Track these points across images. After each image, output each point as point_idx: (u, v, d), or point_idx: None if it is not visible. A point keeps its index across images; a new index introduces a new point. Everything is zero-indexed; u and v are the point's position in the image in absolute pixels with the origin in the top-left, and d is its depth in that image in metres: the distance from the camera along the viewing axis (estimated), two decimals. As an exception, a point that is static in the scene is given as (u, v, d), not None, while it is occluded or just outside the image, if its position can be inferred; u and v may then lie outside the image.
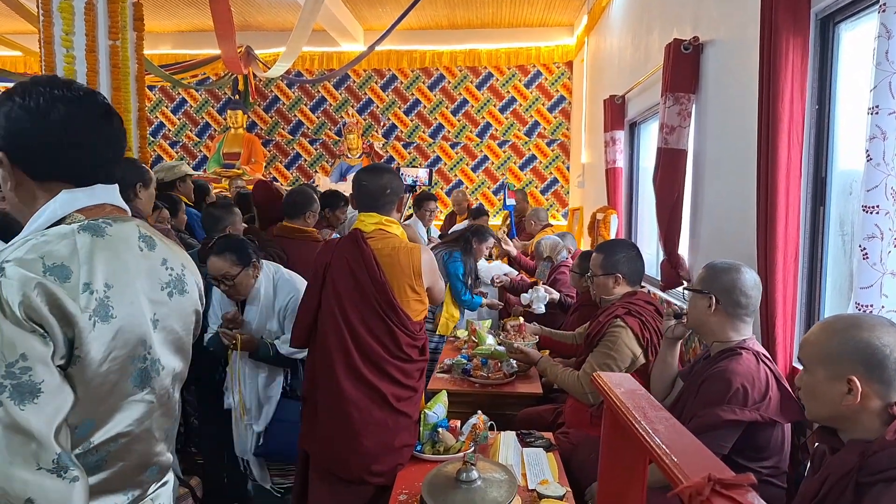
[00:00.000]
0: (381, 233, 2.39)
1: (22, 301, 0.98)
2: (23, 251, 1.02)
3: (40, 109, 1.09)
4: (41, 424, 0.97)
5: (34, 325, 0.99)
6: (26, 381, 0.97)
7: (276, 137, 9.50)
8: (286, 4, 7.70)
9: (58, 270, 1.02)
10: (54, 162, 1.12)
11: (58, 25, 3.01)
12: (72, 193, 1.13)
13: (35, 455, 0.96)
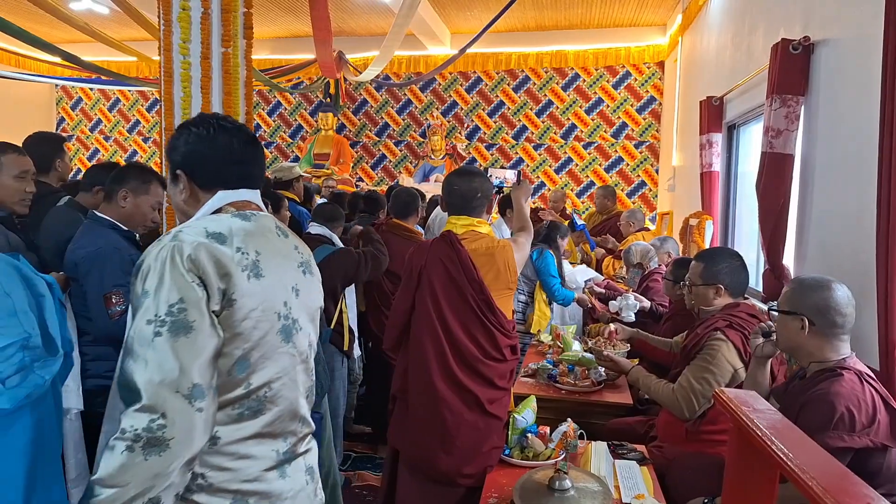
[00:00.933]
0: (473, 234, 2.43)
1: (189, 256, 1.24)
2: (191, 226, 1.32)
3: (210, 137, 1.43)
4: (187, 356, 1.19)
5: (194, 276, 1.24)
6: (182, 319, 1.20)
7: (364, 139, 9.75)
8: (378, 10, 7.89)
9: (216, 236, 1.30)
10: (217, 175, 1.44)
11: (176, 34, 3.20)
12: (226, 192, 1.44)
13: (177, 381, 1.17)
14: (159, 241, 1.29)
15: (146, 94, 10.25)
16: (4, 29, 4.85)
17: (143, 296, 1.22)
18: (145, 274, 1.24)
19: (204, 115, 1.50)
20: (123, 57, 8.61)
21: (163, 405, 1.15)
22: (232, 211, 1.43)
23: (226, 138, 1.44)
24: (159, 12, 3.25)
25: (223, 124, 1.46)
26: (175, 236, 1.28)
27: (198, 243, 1.26)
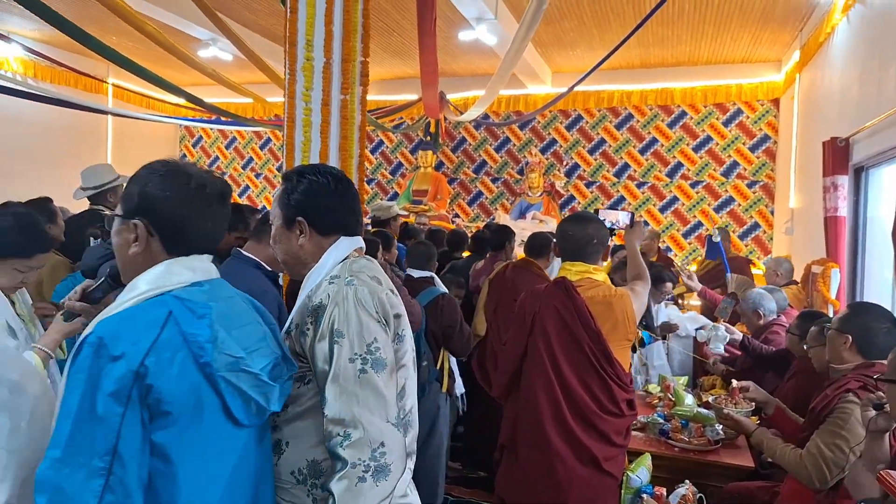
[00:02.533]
0: (589, 281, 2.37)
1: (372, 300, 1.40)
2: (351, 271, 1.46)
3: (332, 187, 1.53)
4: (388, 389, 1.35)
5: (381, 317, 1.40)
6: (379, 357, 1.35)
7: (461, 176, 9.87)
8: (481, 52, 8.03)
9: (377, 280, 1.47)
10: (339, 222, 1.55)
11: (300, 83, 3.39)
12: (350, 240, 1.55)
13: (386, 410, 1.33)
14: (331, 284, 1.42)
15: (260, 133, 10.89)
16: (140, 74, 5.33)
17: (337, 335, 1.35)
18: (331, 315, 1.36)
19: (317, 166, 1.61)
20: (241, 99, 9.24)
21: (381, 435, 1.29)
22: (355, 256, 1.55)
23: (344, 187, 1.56)
24: (285, 62, 3.45)
25: (338, 174, 1.57)
26: (349, 281, 1.42)
27: (374, 287, 1.43)
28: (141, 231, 1.23)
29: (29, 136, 8.68)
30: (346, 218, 1.55)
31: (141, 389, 1.08)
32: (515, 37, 4.63)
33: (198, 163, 11.12)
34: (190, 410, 1.13)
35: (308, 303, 1.41)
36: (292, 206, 1.51)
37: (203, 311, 1.18)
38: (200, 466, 1.14)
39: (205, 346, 1.15)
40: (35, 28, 8.05)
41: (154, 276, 1.20)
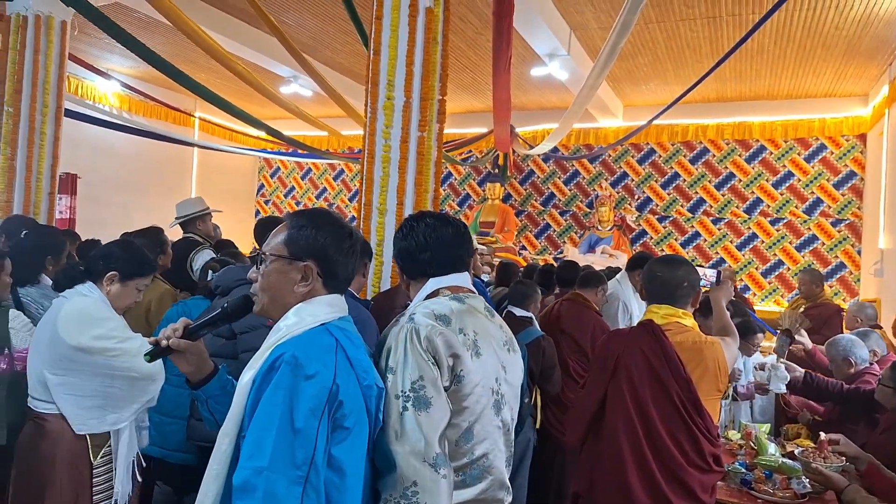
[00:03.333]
0: (677, 325, 2.25)
1: (425, 337, 1.40)
2: (420, 309, 1.48)
3: (435, 231, 1.60)
4: (429, 429, 1.35)
5: (430, 356, 1.39)
6: (423, 396, 1.36)
7: (529, 208, 9.86)
8: (552, 87, 8.07)
9: (443, 319, 1.46)
10: (429, 265, 1.59)
11: (380, 121, 3.50)
12: (438, 279, 1.59)
13: (424, 451, 1.32)
14: (397, 322, 1.48)
15: (333, 164, 11.25)
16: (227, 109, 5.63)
17: (389, 371, 1.39)
18: (388, 351, 1.41)
19: (423, 212, 1.70)
20: (317, 132, 9.61)
21: (414, 474, 1.30)
22: (447, 294, 1.56)
23: (446, 232, 1.62)
24: (366, 101, 3.58)
25: (442, 219, 1.63)
26: (411, 318, 1.45)
27: (431, 326, 1.42)
28: (309, 272, 1.37)
29: (122, 166, 9.27)
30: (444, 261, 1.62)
31: (332, 406, 1.22)
32: (590, 74, 4.64)
33: (275, 192, 11.58)
34: (359, 427, 1.27)
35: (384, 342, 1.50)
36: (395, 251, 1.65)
37: (359, 342, 1.36)
38: (358, 481, 1.27)
39: (368, 371, 1.32)
40: (131, 66, 8.66)
41: (314, 310, 1.35)
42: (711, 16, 5.78)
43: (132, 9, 5.90)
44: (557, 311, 3.99)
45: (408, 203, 3.48)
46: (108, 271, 2.22)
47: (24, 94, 4.68)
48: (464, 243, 1.64)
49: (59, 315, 2.10)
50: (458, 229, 1.64)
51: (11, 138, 4.67)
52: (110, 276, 2.23)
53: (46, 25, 4.79)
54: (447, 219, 1.65)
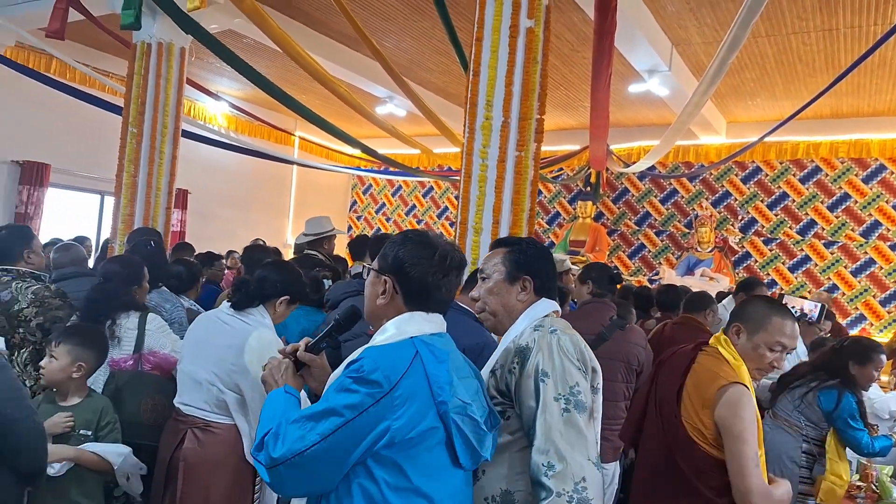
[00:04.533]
0: (715, 352, 2.04)
1: (574, 349, 1.54)
2: (555, 324, 1.60)
3: (545, 250, 1.78)
4: (589, 431, 1.46)
5: (581, 365, 1.53)
6: (580, 400, 1.48)
7: (622, 227, 9.58)
8: (649, 103, 7.85)
9: (570, 332, 1.60)
10: (549, 286, 1.73)
11: (478, 141, 3.50)
12: (549, 302, 1.71)
13: (587, 450, 1.44)
14: (535, 331, 1.57)
15: (423, 182, 11.42)
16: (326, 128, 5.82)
17: (543, 375, 1.49)
18: (537, 357, 1.51)
19: (533, 240, 1.84)
20: (409, 150, 9.79)
21: (581, 471, 1.40)
22: (553, 316, 1.67)
23: (550, 254, 1.80)
24: (465, 121, 3.59)
25: (542, 244, 1.81)
26: (553, 329, 1.57)
27: (576, 337, 1.58)
28: (388, 286, 1.47)
29: (228, 183, 9.81)
30: (554, 284, 1.76)
31: (388, 406, 1.29)
32: (696, 91, 4.45)
33: (366, 209, 11.88)
34: (421, 436, 1.32)
35: (513, 346, 1.58)
36: (521, 265, 1.70)
37: (443, 357, 1.39)
38: (432, 484, 1.33)
39: (443, 387, 1.35)
40: (239, 88, 9.18)
41: (402, 323, 1.44)
42: (827, 28, 5.44)
43: (242, 35, 6.25)
44: (670, 334, 3.81)
45: (503, 222, 3.45)
46: (281, 295, 2.37)
47: (146, 117, 5.04)
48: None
49: (245, 345, 2.21)
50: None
51: (134, 157, 5.03)
52: (283, 301, 2.39)
53: (167, 52, 5.14)
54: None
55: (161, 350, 2.65)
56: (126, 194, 5.05)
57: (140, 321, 2.66)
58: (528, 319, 1.65)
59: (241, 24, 5.77)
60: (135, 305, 2.71)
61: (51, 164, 7.53)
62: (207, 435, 2.27)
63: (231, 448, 2.27)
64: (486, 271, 1.75)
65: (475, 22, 3.60)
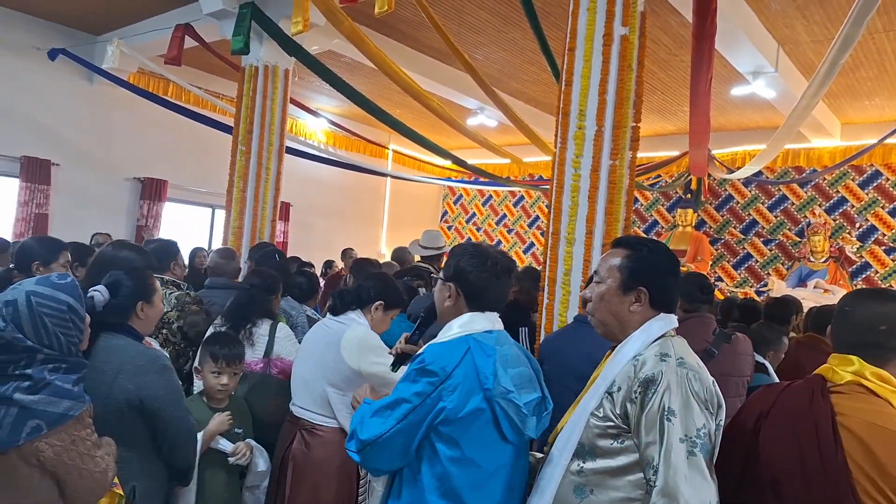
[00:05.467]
0: (860, 390, 1.50)
1: (703, 387, 1.44)
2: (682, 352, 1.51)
3: (674, 265, 1.64)
4: (713, 476, 1.40)
5: (708, 404, 1.44)
6: (706, 444, 1.40)
7: (726, 236, 9.13)
8: (753, 105, 7.46)
9: (698, 364, 1.50)
10: (671, 300, 1.63)
11: (570, 150, 3.46)
12: (670, 318, 1.60)
13: (709, 497, 1.37)
14: (662, 361, 1.48)
15: (513, 191, 11.40)
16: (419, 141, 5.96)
17: (670, 413, 1.41)
18: (663, 393, 1.43)
19: (657, 242, 1.71)
20: (498, 159, 9.81)
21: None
22: (672, 334, 1.58)
23: (676, 260, 1.67)
24: (557, 131, 3.56)
25: (668, 248, 1.69)
26: (681, 362, 1.47)
27: (705, 375, 1.46)
28: (453, 291, 1.73)
29: (326, 195, 10.21)
30: (676, 298, 1.67)
31: (440, 396, 1.55)
32: (805, 93, 4.19)
33: (457, 218, 11.98)
34: (471, 416, 1.55)
35: (635, 372, 1.49)
36: (637, 273, 1.60)
37: (490, 353, 1.61)
38: (482, 455, 1.56)
39: (488, 377, 1.57)
40: (336, 105, 9.55)
41: (461, 323, 1.69)
42: (957, 17, 4.96)
43: (340, 54, 6.51)
44: (796, 358, 3.49)
45: (597, 233, 3.38)
46: (376, 301, 2.57)
47: (254, 135, 5.36)
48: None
49: (342, 339, 2.43)
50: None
51: (243, 173, 5.36)
52: (378, 305, 2.58)
53: (273, 74, 5.45)
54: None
55: (287, 357, 2.88)
56: (236, 208, 5.38)
57: (271, 329, 2.93)
58: (646, 336, 1.56)
59: (339, 45, 6.02)
60: (270, 314, 2.99)
61: (168, 180, 8.14)
62: (314, 437, 2.45)
63: (335, 450, 2.41)
64: (600, 274, 1.66)
65: (567, 32, 3.57)
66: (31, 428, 1.57)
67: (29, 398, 1.59)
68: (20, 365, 1.62)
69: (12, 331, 1.65)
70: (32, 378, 1.61)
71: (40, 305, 1.69)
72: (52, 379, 1.63)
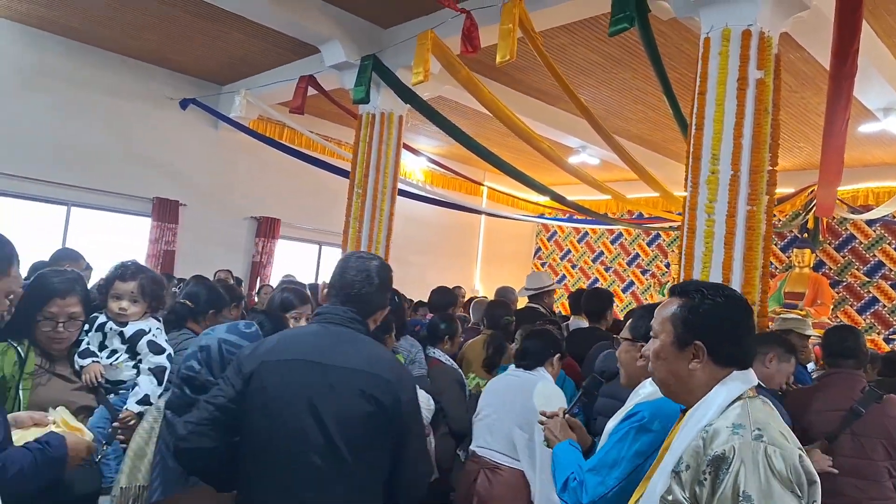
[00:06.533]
0: None
1: (786, 466, 1.22)
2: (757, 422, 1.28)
3: (738, 312, 1.42)
4: None
5: (794, 487, 1.22)
6: None
7: (848, 278, 8.55)
8: (880, 142, 7.04)
9: (785, 435, 1.29)
10: (738, 353, 1.40)
11: (703, 195, 3.39)
12: (744, 375, 1.38)
13: None
14: (735, 434, 1.27)
15: (612, 228, 11.18)
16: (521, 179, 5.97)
17: (745, 498, 1.20)
18: (737, 474, 1.22)
19: (723, 287, 1.48)
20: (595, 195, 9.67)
21: None
22: (750, 395, 1.36)
23: (750, 316, 1.45)
24: (687, 176, 3.50)
25: (744, 300, 1.48)
26: (758, 435, 1.25)
27: (788, 449, 1.24)
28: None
29: (422, 231, 10.41)
30: (747, 351, 1.42)
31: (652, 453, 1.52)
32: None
33: (551, 255, 11.85)
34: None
35: (704, 448, 1.30)
36: (692, 326, 1.40)
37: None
38: None
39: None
40: (435, 145, 9.80)
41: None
42: None
43: (449, 99, 6.70)
44: None
45: (735, 280, 3.27)
46: (554, 356, 2.94)
47: (370, 178, 5.58)
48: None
49: (535, 389, 2.71)
50: (751, 310, 1.51)
51: (359, 214, 5.57)
52: (557, 358, 2.94)
53: (388, 120, 5.68)
54: (737, 295, 1.51)
55: None
56: (351, 248, 5.58)
57: None
58: (716, 400, 1.35)
59: (449, 90, 6.20)
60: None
61: (280, 218, 8.58)
62: (496, 475, 2.73)
63: (515, 489, 2.68)
64: (654, 327, 1.49)
65: (697, 75, 3.53)
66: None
67: (218, 436, 1.72)
68: None
69: (206, 374, 1.80)
70: (220, 418, 1.74)
71: (229, 353, 1.83)
72: (237, 419, 1.76)
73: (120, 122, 7.30)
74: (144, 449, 1.93)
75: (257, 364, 1.66)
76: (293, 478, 1.60)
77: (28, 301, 2.03)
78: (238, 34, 6.19)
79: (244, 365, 1.67)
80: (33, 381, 1.97)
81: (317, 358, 1.66)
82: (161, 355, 2.26)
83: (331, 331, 1.73)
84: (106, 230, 7.37)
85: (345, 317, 1.75)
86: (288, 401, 1.62)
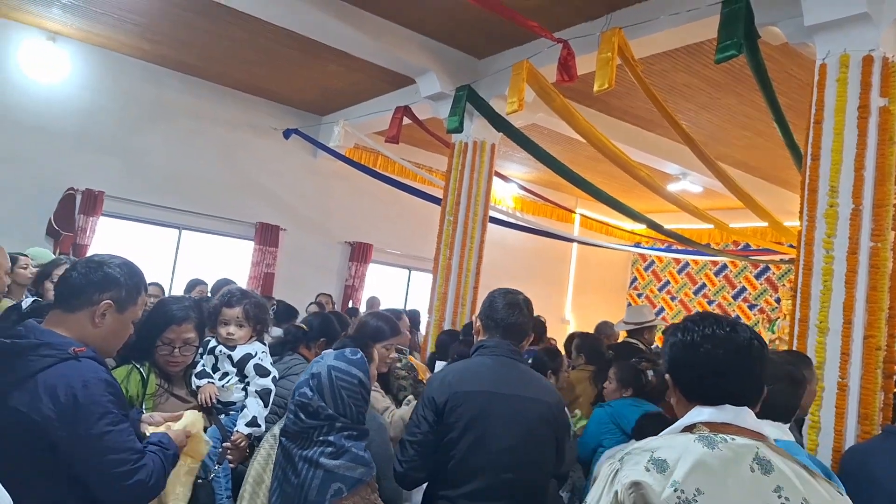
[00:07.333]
0: None
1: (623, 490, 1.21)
2: (644, 448, 1.28)
3: (691, 344, 1.37)
4: None
5: None
6: None
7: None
8: None
9: (659, 464, 1.22)
10: (695, 388, 1.37)
11: (820, 230, 3.17)
12: (702, 409, 1.33)
13: None
14: (623, 447, 1.36)
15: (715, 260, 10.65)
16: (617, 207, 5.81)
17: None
18: (597, 476, 1.32)
19: (698, 318, 1.42)
20: (697, 224, 9.28)
21: None
22: (702, 432, 1.28)
23: (709, 347, 1.35)
24: (803, 209, 3.28)
25: (710, 331, 1.36)
26: (624, 458, 1.28)
27: (630, 482, 1.21)
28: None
29: (511, 259, 10.32)
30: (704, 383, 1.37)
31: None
32: None
33: (648, 286, 11.46)
34: None
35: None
36: (666, 359, 1.45)
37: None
38: None
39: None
40: (524, 171, 9.75)
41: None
42: None
43: (541, 126, 6.67)
44: None
45: (857, 323, 3.01)
46: None
47: (461, 206, 5.61)
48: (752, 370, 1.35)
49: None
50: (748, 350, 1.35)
51: (450, 241, 5.61)
52: None
53: (481, 149, 5.71)
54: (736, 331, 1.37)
55: None
56: (442, 275, 5.62)
57: None
58: (668, 429, 1.37)
59: (542, 118, 6.17)
60: None
61: (373, 243, 8.79)
62: None
63: None
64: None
65: (812, 103, 3.32)
66: (334, 490, 1.74)
67: (332, 463, 1.76)
68: (322, 431, 1.80)
69: (318, 400, 1.85)
70: (334, 444, 1.79)
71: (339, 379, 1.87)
72: (349, 446, 1.80)
73: (228, 152, 7.77)
74: (262, 475, 2.04)
75: (449, 394, 2.05)
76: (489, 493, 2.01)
77: (148, 326, 2.17)
78: (338, 67, 6.46)
79: (437, 396, 2.06)
80: (154, 401, 2.11)
81: (497, 389, 2.08)
82: (266, 378, 2.37)
83: (503, 362, 2.14)
84: (213, 252, 7.83)
85: (507, 349, 2.16)
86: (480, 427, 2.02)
